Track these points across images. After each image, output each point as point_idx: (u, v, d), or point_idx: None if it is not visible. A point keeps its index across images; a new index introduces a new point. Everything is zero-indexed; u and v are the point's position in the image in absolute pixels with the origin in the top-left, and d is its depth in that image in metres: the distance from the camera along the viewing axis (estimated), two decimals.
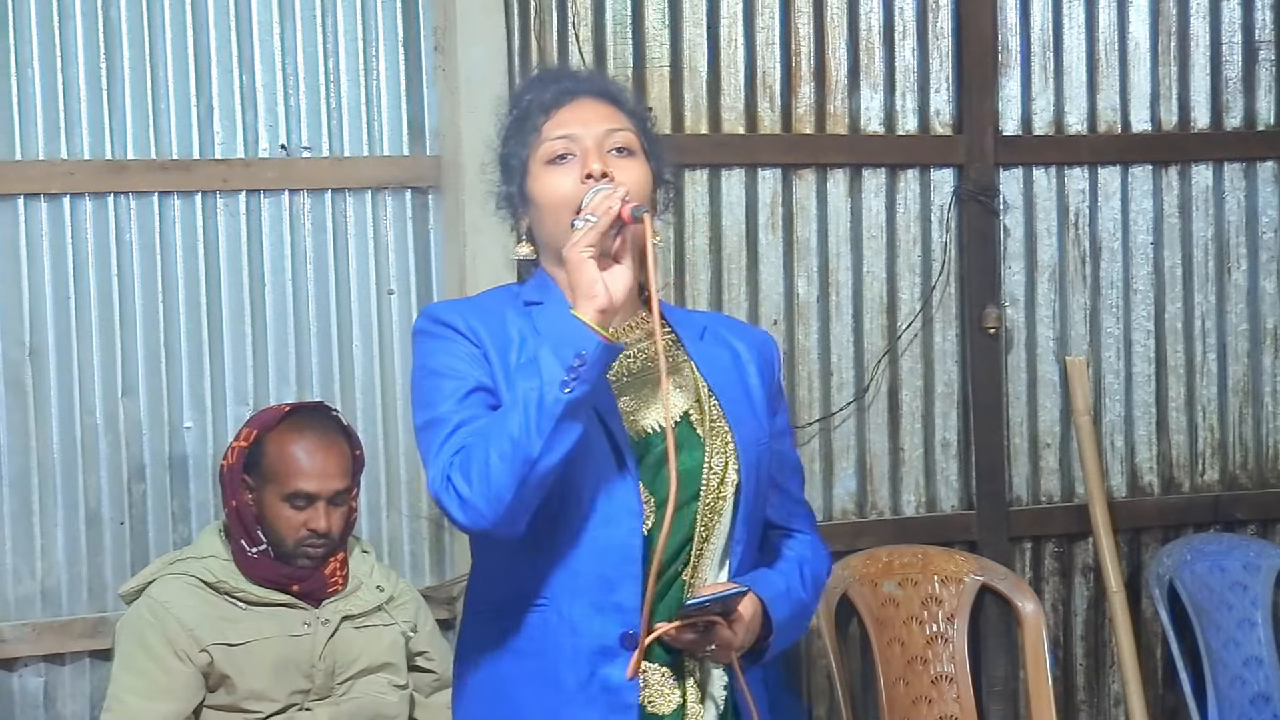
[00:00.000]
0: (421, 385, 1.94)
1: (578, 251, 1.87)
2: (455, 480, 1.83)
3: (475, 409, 1.89)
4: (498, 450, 1.81)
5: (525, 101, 2.01)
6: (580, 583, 1.90)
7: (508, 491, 1.81)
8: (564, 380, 1.81)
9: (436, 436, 1.88)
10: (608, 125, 1.97)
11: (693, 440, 1.96)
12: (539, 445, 1.81)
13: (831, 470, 3.67)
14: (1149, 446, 3.91)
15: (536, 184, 1.98)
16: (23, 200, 3.13)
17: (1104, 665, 3.90)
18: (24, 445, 3.14)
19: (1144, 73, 3.87)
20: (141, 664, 2.74)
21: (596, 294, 1.85)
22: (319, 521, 2.77)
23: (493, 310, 1.98)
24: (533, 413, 1.81)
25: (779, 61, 3.61)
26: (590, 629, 1.90)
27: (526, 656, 1.92)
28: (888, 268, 3.71)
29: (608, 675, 1.89)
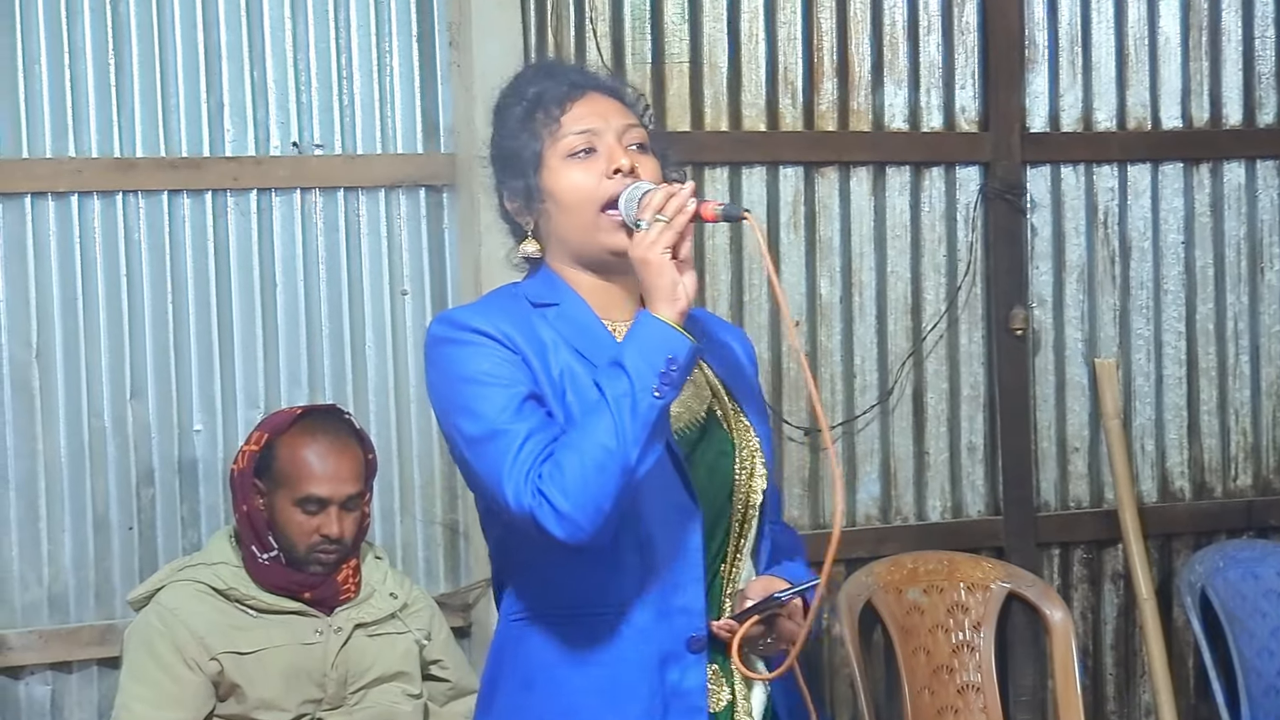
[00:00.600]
0: (461, 394, 1.88)
1: (657, 252, 1.85)
2: (550, 494, 1.80)
3: (537, 418, 1.86)
4: (593, 460, 1.79)
5: (533, 93, 1.97)
6: (646, 588, 1.88)
7: (608, 502, 1.79)
8: (655, 385, 1.80)
9: (506, 449, 1.83)
10: (624, 120, 1.96)
11: (722, 438, 1.96)
12: (636, 453, 1.79)
13: (855, 475, 3.66)
14: (1180, 450, 3.89)
15: (557, 179, 1.94)
16: (30, 199, 3.12)
17: (1134, 675, 3.88)
18: (31, 449, 3.13)
19: (1174, 68, 3.85)
20: (150, 673, 2.72)
21: (679, 296, 1.84)
22: (331, 527, 2.75)
23: (514, 314, 1.93)
24: (627, 419, 1.79)
25: (801, 57, 3.60)
26: (659, 634, 1.89)
27: (592, 665, 1.90)
28: (912, 268, 3.69)
29: (678, 680, 1.89)
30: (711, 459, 1.94)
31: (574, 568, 1.89)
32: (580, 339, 1.91)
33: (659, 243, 1.85)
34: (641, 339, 1.83)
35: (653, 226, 1.86)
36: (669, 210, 1.86)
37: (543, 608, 1.94)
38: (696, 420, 1.95)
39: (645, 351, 1.81)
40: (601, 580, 1.89)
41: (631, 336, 1.84)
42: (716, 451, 1.95)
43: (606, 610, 1.90)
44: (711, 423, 1.96)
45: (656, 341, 1.82)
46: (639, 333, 1.84)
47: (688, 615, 1.90)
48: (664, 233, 1.85)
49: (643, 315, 1.85)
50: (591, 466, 1.79)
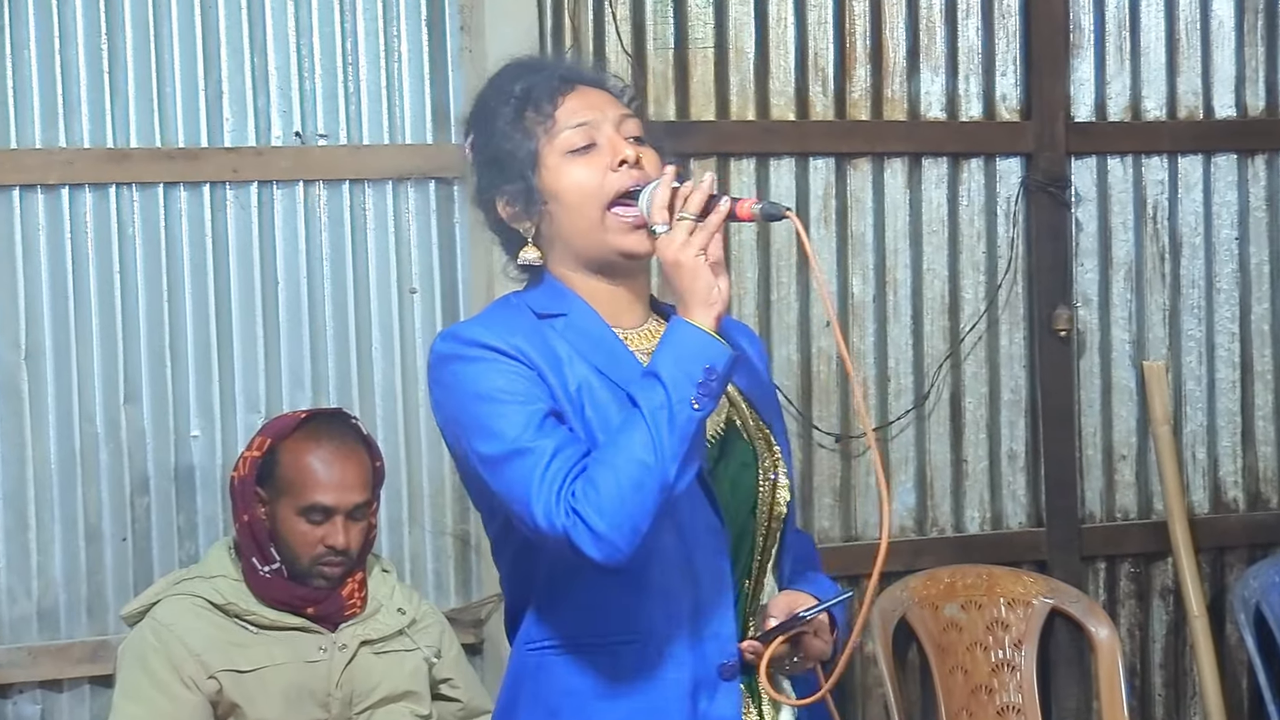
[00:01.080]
0: (475, 413, 1.84)
1: (691, 255, 1.80)
2: (585, 513, 1.76)
3: (561, 434, 1.82)
4: (629, 477, 1.76)
5: (520, 90, 1.92)
6: (676, 614, 1.86)
7: (646, 521, 1.76)
8: (693, 396, 1.77)
9: (533, 467, 1.79)
10: (618, 111, 1.93)
11: (742, 449, 1.93)
12: (675, 469, 1.76)
13: (889, 484, 3.64)
14: (1233, 459, 3.85)
15: (558, 177, 1.89)
16: (18, 191, 3.09)
17: (1185, 696, 3.84)
18: (19, 455, 3.10)
19: (1228, 53, 3.80)
20: (145, 691, 2.68)
21: (715, 300, 1.80)
22: (337, 537, 2.72)
23: (524, 327, 1.88)
24: (665, 433, 1.76)
25: (832, 42, 3.56)
26: (690, 661, 1.87)
27: (622, 695, 1.86)
28: (950, 265, 3.65)
29: (709, 708, 1.87)
30: (734, 473, 1.91)
31: (600, 593, 1.86)
32: (594, 351, 1.87)
33: (692, 245, 1.80)
34: (678, 347, 1.79)
35: (678, 226, 1.82)
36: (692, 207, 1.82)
37: (567, 635, 1.89)
38: (716, 433, 1.91)
39: (682, 361, 1.78)
40: (629, 606, 1.86)
41: (666, 344, 1.81)
42: (738, 465, 1.92)
43: (635, 638, 1.86)
44: (731, 434, 1.93)
45: (694, 350, 1.78)
46: (674, 341, 1.80)
47: (719, 640, 1.87)
48: (696, 233, 1.81)
49: (677, 322, 1.82)
50: (628, 484, 1.75)
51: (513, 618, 1.95)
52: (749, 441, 1.93)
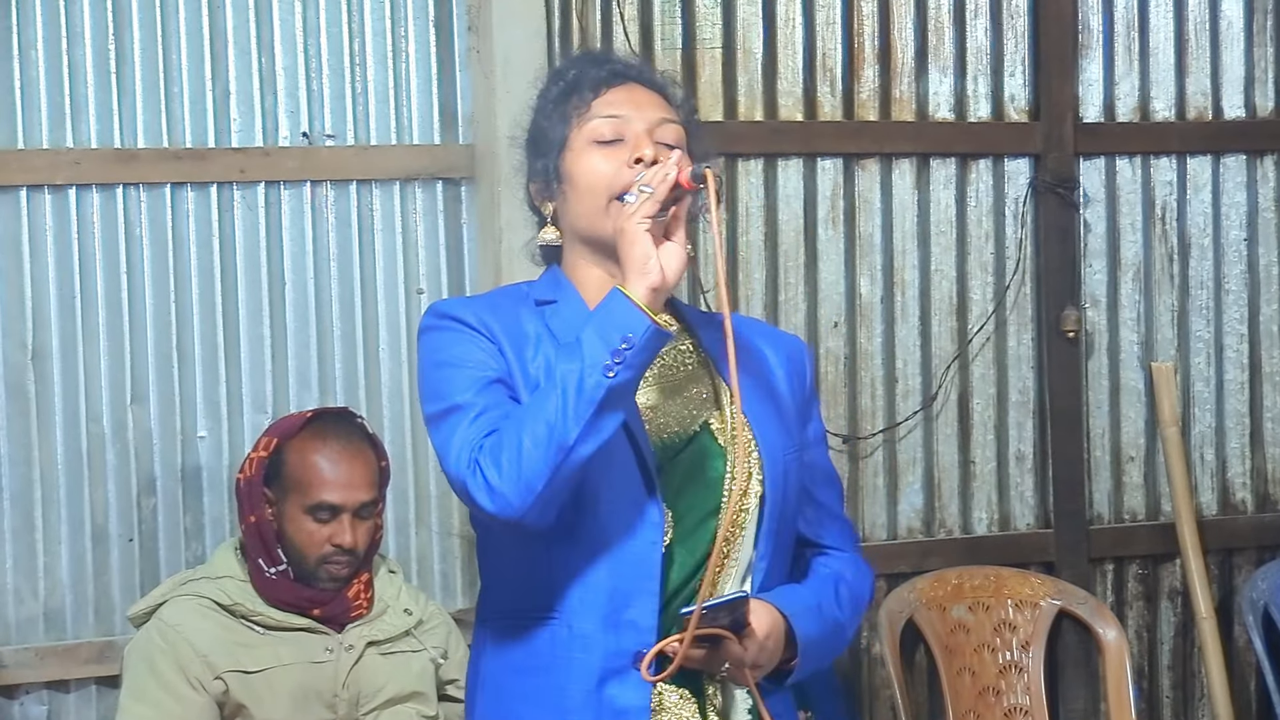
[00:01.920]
0: (432, 377, 1.91)
1: (633, 223, 1.81)
2: (484, 465, 1.79)
3: (497, 397, 1.86)
4: (531, 435, 1.77)
5: (572, 75, 1.98)
6: (593, 596, 1.86)
7: (539, 479, 1.77)
8: (607, 364, 1.77)
9: (457, 423, 1.84)
10: (660, 114, 1.94)
11: (713, 450, 1.92)
12: (575, 431, 1.76)
13: (896, 485, 3.62)
14: (1242, 460, 3.83)
15: (578, 162, 1.93)
16: (26, 192, 3.08)
17: (1193, 698, 3.82)
18: (26, 456, 3.10)
19: (1237, 54, 3.79)
20: (152, 692, 2.67)
21: (649, 270, 1.80)
22: (344, 536, 2.71)
23: (504, 307, 1.94)
24: (571, 396, 1.77)
25: (840, 42, 3.55)
26: (602, 645, 1.86)
27: (531, 673, 1.88)
28: (958, 266, 3.64)
29: (617, 696, 1.85)
30: (694, 470, 1.90)
31: (525, 565, 1.88)
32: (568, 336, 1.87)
33: (636, 213, 1.82)
34: (602, 316, 1.80)
35: (638, 198, 1.83)
36: (653, 181, 1.83)
37: (497, 608, 1.94)
38: (686, 430, 1.91)
39: (602, 329, 1.79)
40: (550, 580, 1.87)
41: (595, 313, 1.83)
42: (702, 463, 1.90)
43: (550, 613, 1.87)
44: (703, 434, 1.92)
45: (616, 319, 1.79)
46: (601, 309, 1.82)
47: (636, 630, 1.85)
48: (644, 202, 1.82)
49: (612, 291, 1.82)
50: (529, 441, 1.77)
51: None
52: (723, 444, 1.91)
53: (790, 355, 2.04)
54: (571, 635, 1.85)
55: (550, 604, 1.86)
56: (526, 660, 1.87)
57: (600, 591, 1.84)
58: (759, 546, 1.92)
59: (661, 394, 1.92)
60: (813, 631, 1.92)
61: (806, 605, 1.93)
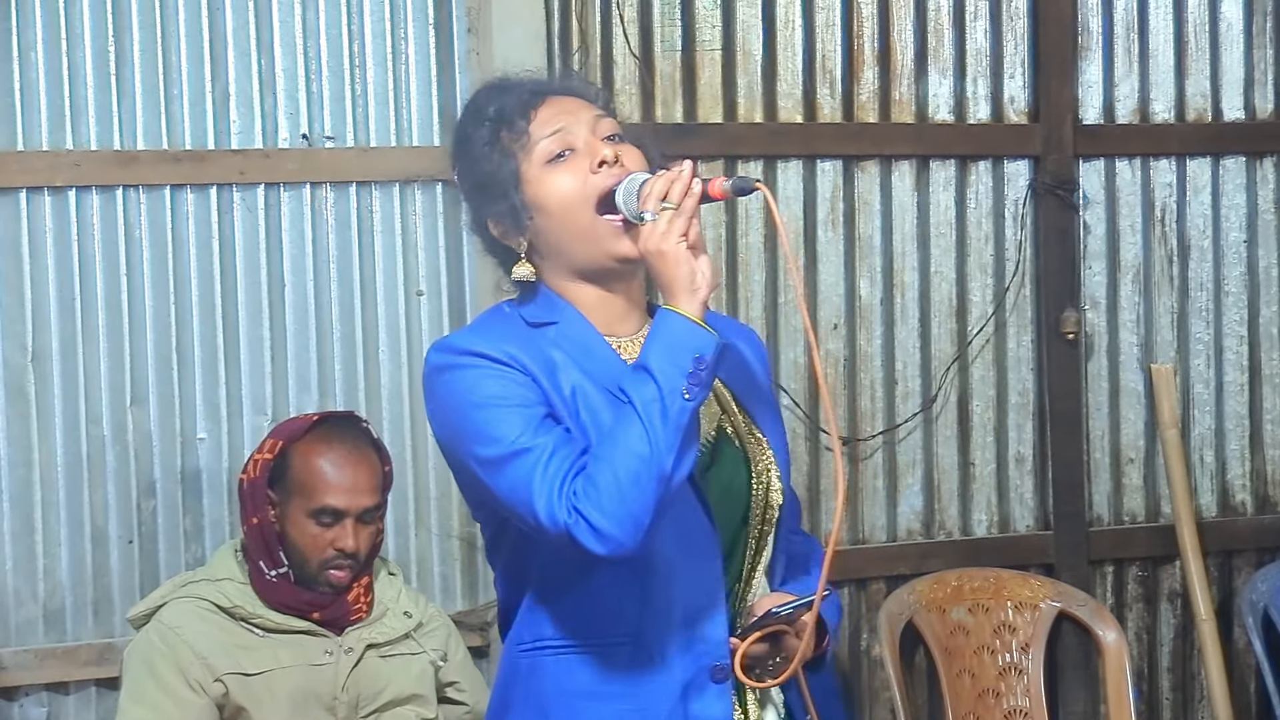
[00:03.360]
0: (473, 420, 1.84)
1: (671, 243, 1.79)
2: (585, 510, 1.76)
3: (558, 433, 1.82)
4: (628, 471, 1.75)
5: (493, 112, 1.93)
6: (670, 616, 1.86)
7: (647, 514, 1.76)
8: (684, 387, 1.76)
9: (533, 466, 1.79)
10: (592, 113, 1.92)
11: (733, 454, 1.93)
12: (671, 460, 1.75)
13: (896, 487, 3.62)
14: (1241, 462, 3.82)
15: (541, 187, 1.89)
16: (25, 194, 3.08)
17: (1193, 700, 3.81)
18: (26, 458, 3.09)
19: (1237, 56, 3.78)
20: (151, 694, 2.67)
21: (699, 286, 1.80)
22: (347, 540, 2.71)
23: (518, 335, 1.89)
24: (658, 425, 1.75)
25: (840, 44, 3.54)
26: (681, 664, 1.87)
27: (610, 699, 1.86)
28: (957, 268, 3.63)
29: (701, 710, 1.87)
30: (726, 477, 1.91)
31: (592, 595, 1.87)
32: (585, 359, 1.87)
33: (671, 232, 1.80)
34: (666, 338, 1.79)
35: (661, 216, 1.81)
36: (674, 196, 1.81)
37: (559, 636, 1.89)
38: (706, 439, 1.91)
39: (670, 352, 1.78)
40: (620, 607, 1.86)
41: (655, 336, 1.80)
42: (730, 469, 1.91)
43: (626, 639, 1.86)
44: (722, 439, 1.93)
45: (682, 340, 1.78)
46: (662, 332, 1.80)
47: (709, 643, 1.87)
48: (674, 220, 1.80)
49: (664, 313, 1.81)
50: (627, 478, 1.75)
51: (506, 618, 1.96)
52: (740, 445, 1.92)
53: (755, 345, 2.05)
54: (650, 658, 1.85)
55: (625, 628, 1.85)
56: (602, 686, 1.86)
57: (675, 612, 1.85)
58: (778, 541, 1.95)
59: None
60: (833, 617, 1.97)
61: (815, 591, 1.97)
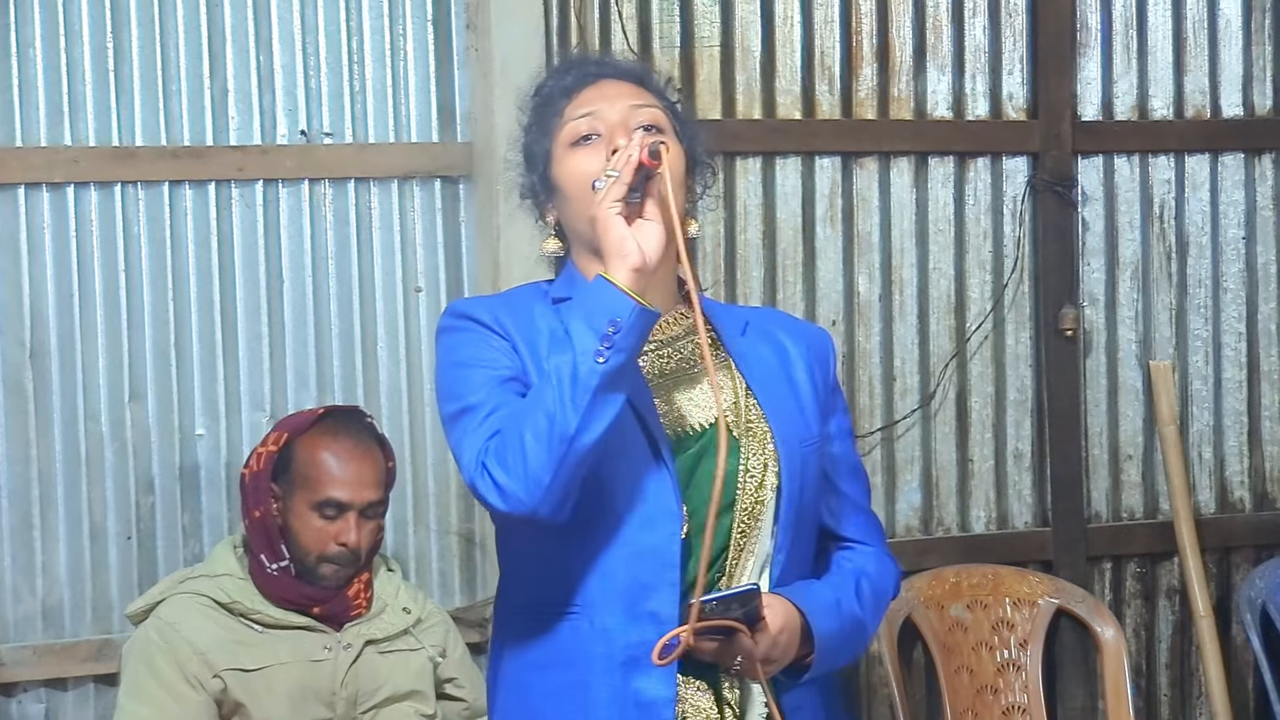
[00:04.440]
0: (448, 377, 1.91)
1: (604, 209, 1.81)
2: (490, 466, 1.80)
3: (508, 396, 1.86)
4: (532, 430, 1.77)
5: (546, 89, 1.98)
6: (614, 589, 1.85)
7: (545, 472, 1.77)
8: (598, 350, 1.77)
9: (469, 423, 1.85)
10: (632, 101, 1.93)
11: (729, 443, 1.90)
12: (575, 421, 1.76)
13: (895, 483, 3.60)
14: (1240, 459, 3.82)
15: (563, 167, 1.93)
16: (24, 190, 3.07)
17: (1191, 696, 3.80)
18: (24, 454, 3.09)
19: (1235, 52, 3.77)
20: (150, 690, 2.67)
21: (628, 251, 1.80)
22: (349, 534, 2.71)
23: (519, 305, 1.95)
24: (566, 386, 1.77)
25: (839, 41, 3.53)
26: (624, 638, 1.85)
27: (554, 668, 1.88)
28: (956, 264, 3.62)
29: (642, 688, 1.84)
30: (709, 463, 1.87)
31: (543, 560, 1.88)
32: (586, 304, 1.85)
33: (606, 198, 1.82)
34: (587, 303, 1.81)
35: (606, 182, 1.84)
36: (617, 164, 1.83)
37: (515, 603, 1.93)
38: (700, 423, 1.91)
39: (588, 316, 1.79)
40: (568, 574, 1.86)
41: (578, 301, 1.83)
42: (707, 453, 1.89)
43: (571, 608, 1.87)
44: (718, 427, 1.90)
45: (601, 305, 1.79)
46: (585, 297, 1.82)
47: (657, 621, 1.84)
48: (612, 186, 1.82)
49: (595, 278, 1.82)
50: (530, 436, 1.77)
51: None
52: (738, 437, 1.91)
53: (812, 346, 2.03)
54: (593, 629, 1.85)
55: (570, 598, 1.85)
56: (548, 656, 1.87)
57: (620, 584, 1.84)
58: (776, 538, 1.91)
59: (677, 387, 1.92)
60: (831, 628, 1.90)
61: (825, 602, 1.92)
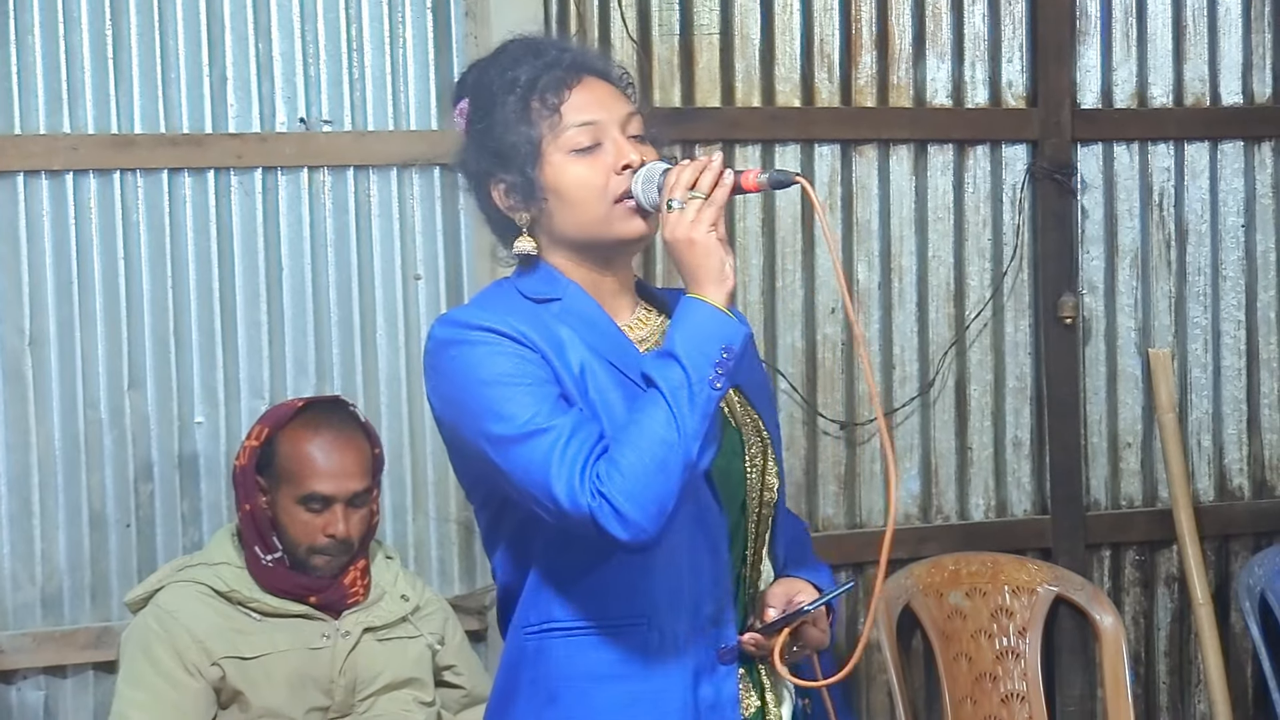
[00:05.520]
0: (483, 397, 1.81)
1: (703, 232, 1.80)
2: (610, 494, 1.74)
3: (574, 414, 1.80)
4: (653, 457, 1.74)
5: (525, 79, 1.89)
6: (678, 599, 1.86)
7: (671, 500, 1.75)
8: (712, 377, 1.76)
9: (550, 446, 1.77)
10: (625, 108, 1.91)
11: (731, 437, 1.91)
12: (696, 447, 1.75)
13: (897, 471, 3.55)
14: (1239, 446, 3.82)
15: (563, 175, 1.88)
16: (23, 177, 3.06)
17: (1189, 684, 3.81)
18: (23, 441, 3.08)
19: (1235, 40, 3.77)
20: (148, 678, 2.67)
21: (728, 277, 1.80)
22: (337, 526, 2.71)
23: (523, 310, 1.88)
24: (686, 412, 1.75)
25: (838, 28, 3.53)
26: (691, 646, 1.87)
27: (622, 680, 1.86)
28: (955, 252, 3.62)
29: (710, 692, 1.87)
30: (725, 462, 1.89)
31: (602, 576, 1.85)
32: (593, 335, 1.87)
33: (701, 221, 1.80)
34: (694, 326, 1.79)
35: (689, 205, 1.81)
36: (703, 185, 1.81)
37: (567, 618, 1.88)
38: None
39: (699, 339, 1.78)
40: (631, 589, 1.85)
41: (682, 323, 1.80)
42: (729, 453, 1.90)
43: (637, 622, 1.86)
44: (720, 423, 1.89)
45: (710, 328, 1.78)
46: (690, 319, 1.79)
47: (718, 625, 1.87)
48: (704, 210, 1.80)
49: (690, 301, 1.81)
50: (653, 464, 1.74)
51: (506, 604, 1.94)
52: (737, 429, 1.92)
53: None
54: (663, 639, 1.85)
55: (636, 610, 1.85)
56: (615, 668, 1.85)
57: (685, 594, 1.85)
58: (775, 523, 1.96)
59: None
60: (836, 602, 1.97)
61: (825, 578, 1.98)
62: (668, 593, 1.84)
